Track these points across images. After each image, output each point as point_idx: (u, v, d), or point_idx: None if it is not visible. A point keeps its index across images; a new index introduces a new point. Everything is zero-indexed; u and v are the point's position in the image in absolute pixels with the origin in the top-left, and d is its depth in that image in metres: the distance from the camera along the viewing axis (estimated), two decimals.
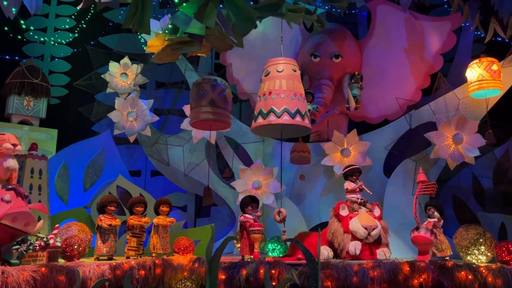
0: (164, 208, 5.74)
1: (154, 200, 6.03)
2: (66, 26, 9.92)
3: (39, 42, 9.72)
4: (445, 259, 5.05)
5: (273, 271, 4.56)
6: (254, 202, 5.42)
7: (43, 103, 6.63)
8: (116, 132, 7.33)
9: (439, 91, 7.20)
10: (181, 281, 4.78)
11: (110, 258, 5.14)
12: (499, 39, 7.61)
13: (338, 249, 5.45)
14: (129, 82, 7.47)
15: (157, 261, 5.02)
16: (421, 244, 5.32)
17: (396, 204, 7.06)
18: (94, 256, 5.18)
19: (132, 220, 5.51)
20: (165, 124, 9.41)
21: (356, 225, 5.35)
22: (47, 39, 9.75)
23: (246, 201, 5.43)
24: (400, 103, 7.41)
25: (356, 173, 5.91)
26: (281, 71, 5.04)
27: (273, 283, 4.42)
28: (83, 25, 9.87)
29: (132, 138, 7.39)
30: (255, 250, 5.16)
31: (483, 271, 4.47)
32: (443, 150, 6.66)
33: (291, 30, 7.26)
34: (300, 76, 5.30)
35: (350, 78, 7.39)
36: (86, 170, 7.72)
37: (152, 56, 4.63)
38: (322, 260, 4.88)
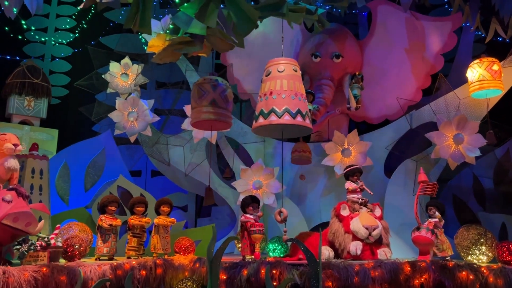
0: (165, 208, 5.74)
1: (155, 200, 6.03)
2: (66, 26, 9.92)
3: (40, 42, 9.72)
4: (446, 259, 5.06)
5: (274, 271, 4.56)
6: (255, 202, 5.42)
7: (43, 103, 6.63)
8: (117, 132, 7.33)
9: (440, 91, 7.20)
10: (182, 281, 4.77)
11: (111, 258, 5.14)
12: (499, 39, 7.61)
13: (339, 249, 5.45)
14: (129, 82, 7.47)
15: (158, 261, 5.02)
16: (422, 244, 5.31)
17: (396, 204, 7.05)
18: (95, 256, 5.18)
19: (132, 220, 5.52)
20: (165, 124, 9.41)
21: (357, 225, 5.35)
22: (48, 39, 9.74)
23: (247, 201, 5.43)
24: (400, 103, 7.40)
25: (357, 173, 5.91)
26: (282, 71, 5.04)
27: (274, 283, 4.42)
28: (83, 25, 9.87)
29: (132, 138, 7.39)
30: (256, 250, 5.16)
31: (484, 271, 4.47)
32: (444, 150, 6.65)
33: (291, 30, 7.26)
34: (301, 76, 5.30)
35: (351, 78, 7.39)
36: (87, 170, 7.71)
37: (153, 56, 4.62)
38: (323, 260, 4.88)
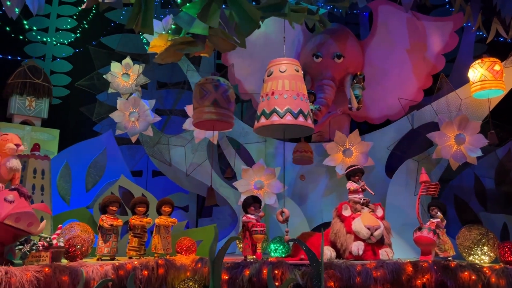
0: (166, 208, 5.72)
1: (156, 201, 6.02)
2: (67, 26, 9.93)
3: (41, 42, 9.72)
4: (448, 259, 5.05)
5: (276, 272, 4.56)
6: (256, 202, 5.42)
7: (45, 103, 6.63)
8: (118, 132, 7.33)
9: (441, 91, 7.19)
10: (184, 281, 4.77)
11: (112, 259, 5.14)
12: (501, 39, 7.60)
13: (340, 250, 5.45)
14: (130, 82, 7.48)
15: (160, 261, 5.02)
16: (423, 244, 5.31)
17: (398, 204, 7.04)
18: (97, 256, 5.18)
19: (133, 220, 5.51)
20: (167, 124, 9.40)
21: (358, 225, 5.35)
22: (49, 39, 9.74)
23: (249, 201, 5.43)
24: (402, 103, 7.39)
25: (358, 173, 5.91)
26: (284, 71, 5.04)
27: (276, 284, 4.41)
28: (84, 25, 9.87)
29: (134, 138, 7.40)
30: (257, 251, 5.16)
31: (487, 271, 4.46)
32: (445, 150, 6.65)
33: (293, 30, 7.26)
34: (302, 76, 5.30)
35: (352, 78, 7.38)
36: (88, 170, 7.72)
37: (155, 57, 4.62)
38: (325, 261, 4.88)
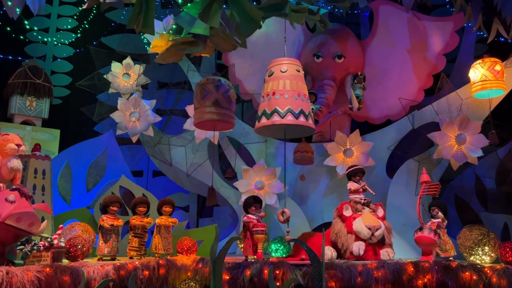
0: (166, 209, 5.72)
1: (157, 201, 6.02)
2: (68, 26, 9.92)
3: (41, 42, 9.71)
4: (449, 259, 5.05)
5: (277, 272, 4.55)
6: (257, 202, 5.41)
7: (45, 103, 6.62)
8: (119, 132, 7.33)
9: (442, 91, 7.20)
10: (185, 282, 4.77)
11: (113, 259, 5.14)
12: (501, 40, 7.60)
13: (341, 250, 5.44)
14: (131, 83, 7.48)
15: (161, 262, 5.01)
16: (424, 244, 5.31)
17: (398, 204, 7.04)
18: (97, 256, 5.18)
19: (134, 220, 5.51)
20: (167, 124, 9.40)
21: (359, 225, 5.34)
22: (49, 39, 9.74)
23: (250, 201, 5.41)
24: (402, 103, 7.39)
25: (359, 173, 5.90)
26: (284, 71, 5.03)
27: (277, 284, 4.41)
28: (85, 26, 9.86)
29: (134, 139, 7.40)
30: (258, 251, 5.15)
31: (488, 271, 4.46)
32: (446, 150, 6.65)
33: (293, 31, 7.25)
34: (303, 76, 5.30)
35: (353, 79, 7.38)
36: (89, 171, 7.72)
37: (156, 57, 4.62)
38: (326, 261, 4.87)
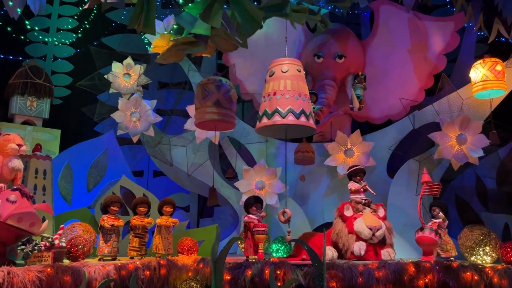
0: (167, 209, 5.72)
1: (158, 201, 6.02)
2: (68, 26, 9.91)
3: (42, 42, 9.71)
4: (450, 259, 5.04)
5: (278, 272, 4.54)
6: (258, 202, 5.41)
7: (46, 103, 6.61)
8: (120, 132, 7.33)
9: (443, 91, 7.20)
10: (186, 282, 4.77)
11: (114, 259, 5.14)
12: (502, 40, 7.60)
13: (342, 250, 5.45)
14: (132, 83, 7.47)
15: (162, 262, 5.01)
16: (425, 244, 5.31)
17: (399, 204, 7.05)
18: (98, 256, 5.17)
19: (134, 221, 5.51)
20: (168, 124, 9.40)
21: (360, 225, 5.34)
22: (50, 39, 9.74)
23: (250, 201, 5.41)
24: (403, 103, 7.40)
25: (360, 173, 5.89)
26: (285, 72, 5.02)
27: (279, 284, 4.41)
28: (85, 26, 9.85)
29: (135, 139, 7.40)
30: (259, 251, 5.15)
31: (489, 271, 4.46)
32: (447, 150, 6.65)
33: (294, 31, 7.23)
34: (304, 76, 5.30)
35: (354, 79, 7.36)
36: (90, 171, 7.72)
37: (157, 57, 4.62)
38: (327, 261, 4.87)
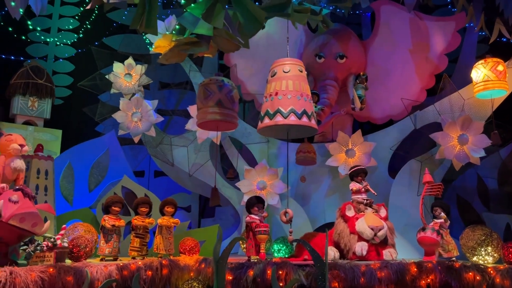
0: (169, 209, 5.71)
1: (159, 201, 6.01)
2: (70, 26, 9.90)
3: (43, 42, 9.70)
4: (452, 260, 5.04)
5: (280, 272, 4.54)
6: (260, 202, 5.41)
7: (47, 103, 6.61)
8: (121, 132, 7.33)
9: (444, 91, 7.20)
10: (188, 282, 4.76)
11: (115, 259, 5.13)
12: (503, 40, 7.60)
13: (344, 250, 5.44)
14: (133, 83, 7.47)
15: (164, 262, 5.01)
16: (427, 245, 5.31)
17: (401, 204, 7.05)
18: (100, 256, 5.17)
19: (135, 221, 5.50)
20: (169, 124, 9.40)
21: (362, 225, 5.34)
22: (51, 39, 9.74)
23: (252, 201, 5.41)
24: (405, 103, 7.39)
25: (361, 173, 5.90)
26: (287, 72, 5.03)
27: (281, 284, 4.41)
28: (87, 26, 9.85)
29: (136, 139, 7.40)
30: (261, 251, 5.15)
31: (491, 272, 4.46)
32: (449, 150, 6.65)
33: (295, 31, 7.24)
34: (306, 76, 5.30)
35: (355, 79, 7.36)
36: (91, 171, 7.70)
37: (159, 57, 4.62)
38: (329, 261, 4.87)
